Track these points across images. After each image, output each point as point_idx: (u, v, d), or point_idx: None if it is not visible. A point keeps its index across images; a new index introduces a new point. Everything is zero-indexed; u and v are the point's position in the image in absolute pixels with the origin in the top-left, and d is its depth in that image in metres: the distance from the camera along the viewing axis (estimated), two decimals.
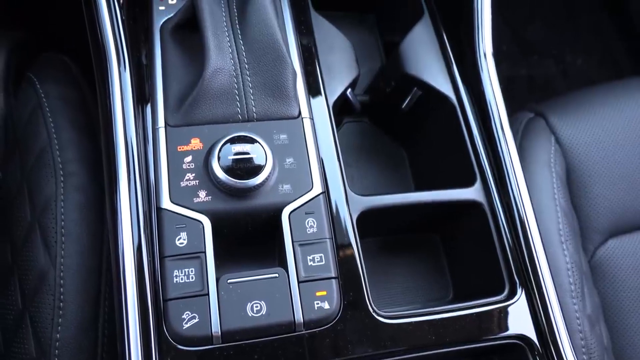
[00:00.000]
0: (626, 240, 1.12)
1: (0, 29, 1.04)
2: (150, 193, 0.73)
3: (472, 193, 0.85)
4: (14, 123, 0.94)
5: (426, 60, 0.94)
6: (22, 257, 0.84)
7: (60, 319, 0.80)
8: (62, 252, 0.82)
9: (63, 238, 0.83)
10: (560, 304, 0.80)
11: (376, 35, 1.20)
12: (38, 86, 0.93)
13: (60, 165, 0.87)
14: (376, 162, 1.06)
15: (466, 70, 0.92)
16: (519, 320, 0.78)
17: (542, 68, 2.14)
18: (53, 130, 0.89)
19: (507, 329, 0.78)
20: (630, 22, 2.16)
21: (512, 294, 0.80)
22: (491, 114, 0.87)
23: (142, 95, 0.79)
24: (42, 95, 0.92)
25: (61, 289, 0.81)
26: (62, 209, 0.84)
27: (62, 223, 0.83)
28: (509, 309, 0.79)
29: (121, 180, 0.72)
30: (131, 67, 0.77)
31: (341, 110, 0.94)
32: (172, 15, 0.84)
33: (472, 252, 0.90)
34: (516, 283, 0.80)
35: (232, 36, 0.80)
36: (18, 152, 0.91)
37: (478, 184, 0.86)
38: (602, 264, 1.09)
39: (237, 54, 0.79)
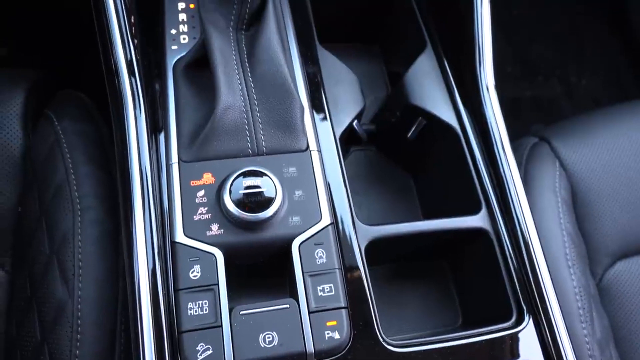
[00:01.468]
0: (634, 262, 1.12)
1: (18, 69, 1.08)
2: (164, 227, 0.76)
3: (477, 221, 0.87)
4: (32, 159, 0.97)
5: (430, 91, 0.96)
6: (41, 289, 0.87)
7: (77, 351, 0.82)
8: (80, 284, 0.84)
9: (80, 271, 0.85)
10: (569, 329, 0.81)
11: (381, 64, 1.23)
12: (56, 123, 0.97)
13: (78, 200, 0.90)
14: (384, 189, 1.08)
15: (469, 101, 0.95)
16: (528, 347, 0.79)
17: (546, 88, 2.15)
18: (70, 165, 0.93)
19: (516, 355, 0.79)
20: (634, 41, 2.18)
21: (520, 320, 0.81)
22: (494, 144, 0.90)
23: (156, 132, 0.82)
24: (60, 131, 0.96)
25: (78, 321, 0.83)
26: (79, 243, 0.87)
27: (80, 256, 0.86)
28: (518, 335, 0.80)
29: (137, 215, 0.74)
30: (146, 107, 0.81)
31: (348, 140, 0.97)
32: (184, 54, 0.87)
33: (480, 279, 0.91)
34: (524, 310, 0.81)
35: (241, 74, 0.83)
36: (36, 187, 0.95)
37: (483, 212, 0.88)
38: (611, 287, 1.10)
39: (247, 91, 0.82)
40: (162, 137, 0.81)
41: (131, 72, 0.82)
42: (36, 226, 0.91)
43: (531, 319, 0.81)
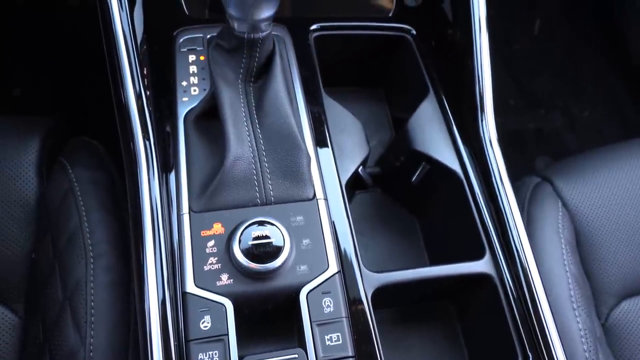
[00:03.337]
0: None
1: (33, 116, 1.12)
2: (175, 277, 0.77)
3: (481, 266, 0.88)
4: (47, 205, 1.00)
5: (433, 136, 0.99)
6: (53, 336, 0.89)
7: None
8: (92, 332, 0.86)
9: (92, 318, 0.87)
10: None
11: (385, 106, 1.26)
12: (70, 171, 1.00)
13: (90, 247, 0.92)
14: (390, 230, 1.10)
15: (471, 145, 0.97)
16: None
17: (549, 121, 2.18)
18: (84, 212, 0.95)
19: None
20: (633, 73, 2.21)
21: None
22: (497, 190, 0.91)
23: (168, 182, 0.84)
24: (74, 179, 0.99)
25: None
26: (91, 290, 0.89)
27: (92, 304, 0.88)
28: None
29: (149, 265, 0.76)
30: (158, 162, 0.83)
31: (354, 185, 0.99)
32: (194, 105, 0.90)
33: (485, 322, 0.92)
34: (529, 357, 0.82)
35: (250, 125, 0.86)
36: (50, 234, 0.97)
37: (487, 256, 0.89)
38: (617, 327, 1.10)
39: (255, 142, 0.84)
40: (173, 187, 0.84)
41: (144, 127, 0.84)
42: (50, 272, 0.93)
43: None
